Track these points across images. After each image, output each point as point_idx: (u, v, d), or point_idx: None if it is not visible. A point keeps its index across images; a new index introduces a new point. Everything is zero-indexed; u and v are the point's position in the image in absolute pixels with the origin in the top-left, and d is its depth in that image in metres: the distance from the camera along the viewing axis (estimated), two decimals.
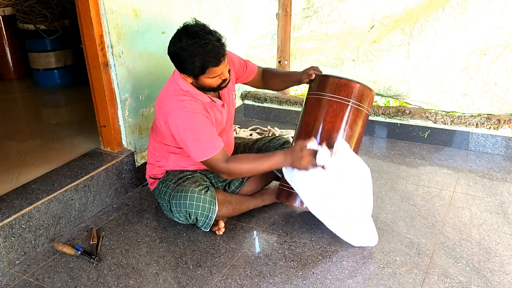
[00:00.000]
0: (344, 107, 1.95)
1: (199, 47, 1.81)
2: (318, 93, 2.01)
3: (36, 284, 1.81)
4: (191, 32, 1.83)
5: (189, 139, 1.92)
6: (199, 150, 1.92)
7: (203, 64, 1.84)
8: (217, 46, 1.84)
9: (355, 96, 1.96)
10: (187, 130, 1.91)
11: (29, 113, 3.42)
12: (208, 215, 1.99)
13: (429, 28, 2.87)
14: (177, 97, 1.94)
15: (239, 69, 2.23)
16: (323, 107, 1.98)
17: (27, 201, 1.99)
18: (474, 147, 2.90)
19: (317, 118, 1.98)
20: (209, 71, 1.86)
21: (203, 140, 1.91)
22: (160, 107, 1.99)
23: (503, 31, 2.69)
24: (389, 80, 3.10)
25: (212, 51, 1.82)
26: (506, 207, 2.26)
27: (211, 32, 1.86)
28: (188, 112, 1.91)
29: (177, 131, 1.93)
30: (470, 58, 2.82)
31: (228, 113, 2.14)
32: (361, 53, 3.13)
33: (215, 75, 1.90)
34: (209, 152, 1.91)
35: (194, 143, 1.92)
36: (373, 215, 2.20)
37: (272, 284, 1.77)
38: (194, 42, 1.81)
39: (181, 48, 1.84)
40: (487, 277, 1.78)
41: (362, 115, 2.00)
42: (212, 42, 1.82)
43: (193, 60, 1.83)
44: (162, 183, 2.12)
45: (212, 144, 1.92)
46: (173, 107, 1.93)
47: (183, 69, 1.90)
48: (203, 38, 1.81)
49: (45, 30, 3.74)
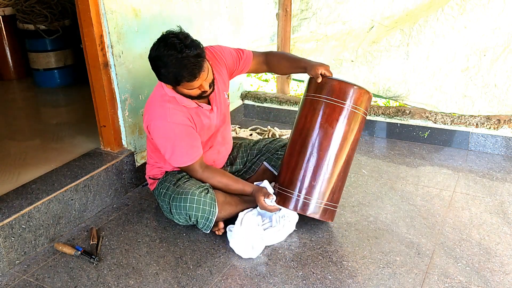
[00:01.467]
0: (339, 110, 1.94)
1: (174, 59, 1.77)
2: (315, 96, 1.99)
3: (36, 284, 1.81)
4: (170, 43, 1.78)
5: (167, 147, 1.98)
6: (176, 158, 2.00)
7: (176, 78, 1.82)
8: (193, 62, 1.78)
9: (351, 99, 1.95)
10: (166, 139, 1.96)
11: (29, 113, 3.42)
12: (208, 217, 1.98)
13: (428, 28, 2.87)
14: (162, 104, 1.94)
15: (233, 63, 2.18)
16: (318, 110, 1.96)
17: (27, 201, 1.99)
18: (474, 147, 2.90)
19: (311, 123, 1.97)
20: (183, 84, 1.85)
21: (180, 151, 1.98)
22: (146, 111, 2.02)
23: (503, 32, 2.69)
24: (389, 81, 3.10)
25: (187, 67, 1.78)
26: (506, 207, 2.26)
27: (191, 45, 1.78)
28: (170, 123, 1.93)
29: (157, 138, 1.98)
30: (470, 59, 2.82)
31: (220, 114, 2.13)
32: (360, 54, 3.13)
33: (192, 88, 1.88)
34: (185, 161, 2.00)
35: (172, 153, 1.99)
36: (373, 215, 2.21)
37: (272, 284, 1.77)
38: (170, 54, 1.77)
39: (157, 57, 1.82)
40: (487, 277, 1.78)
41: (359, 118, 1.99)
42: (188, 58, 1.77)
43: (167, 72, 1.82)
44: (161, 184, 2.12)
45: (189, 154, 1.99)
46: (156, 114, 1.95)
47: (159, 77, 1.90)
48: (180, 51, 1.76)
49: (45, 30, 3.74)
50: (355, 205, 2.30)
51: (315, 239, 2.04)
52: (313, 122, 1.97)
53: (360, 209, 2.26)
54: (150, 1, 2.41)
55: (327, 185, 1.98)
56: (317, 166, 1.96)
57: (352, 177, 2.56)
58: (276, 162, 2.29)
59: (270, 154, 2.31)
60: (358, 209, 2.26)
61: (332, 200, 2.01)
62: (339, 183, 2.02)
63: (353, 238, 2.04)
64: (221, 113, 2.14)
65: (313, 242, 2.02)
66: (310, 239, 2.04)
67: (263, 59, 2.26)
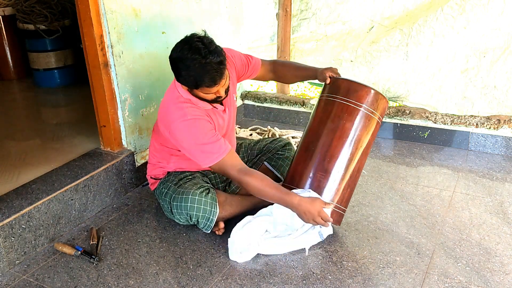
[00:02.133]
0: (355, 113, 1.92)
1: (197, 64, 1.76)
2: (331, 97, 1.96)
3: (36, 284, 1.81)
4: (194, 47, 1.77)
5: (194, 146, 1.90)
6: (205, 155, 1.89)
7: (197, 82, 1.81)
8: (215, 69, 1.78)
9: (368, 102, 1.92)
10: (190, 137, 1.89)
11: (29, 113, 3.42)
12: (209, 217, 1.98)
13: (428, 29, 2.87)
14: (179, 105, 1.91)
15: (242, 67, 2.19)
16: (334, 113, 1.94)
17: (27, 201, 1.99)
18: (474, 147, 2.90)
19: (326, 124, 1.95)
20: (202, 89, 1.85)
21: (208, 145, 1.88)
22: (163, 115, 1.97)
23: (503, 33, 2.68)
24: (388, 81, 3.10)
25: (210, 73, 1.78)
26: (506, 207, 2.26)
27: (214, 52, 1.77)
28: (191, 120, 1.89)
29: (182, 140, 1.91)
30: (469, 60, 2.82)
31: (230, 116, 2.13)
32: (360, 54, 3.13)
33: (209, 93, 1.87)
34: (216, 157, 1.88)
35: (200, 149, 1.89)
36: (373, 215, 2.21)
37: (272, 284, 1.77)
38: (194, 58, 1.76)
39: (180, 59, 1.81)
40: (487, 277, 1.78)
41: (374, 123, 1.96)
42: (211, 64, 1.76)
43: (188, 74, 1.81)
44: (162, 184, 2.12)
45: (217, 148, 1.88)
46: (175, 116, 1.91)
47: (178, 78, 1.89)
48: (204, 56, 1.75)
49: (45, 30, 3.75)
50: (355, 205, 2.30)
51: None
52: (327, 124, 1.95)
53: (360, 209, 2.26)
54: (150, 1, 2.41)
55: (337, 187, 1.94)
56: (327, 167, 1.93)
57: None
58: (276, 162, 2.29)
59: (270, 154, 2.31)
60: (358, 209, 2.26)
61: (341, 203, 1.98)
62: (349, 186, 1.99)
63: (353, 238, 2.04)
64: (231, 114, 2.15)
65: None
66: None
67: (270, 67, 2.27)
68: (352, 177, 1.98)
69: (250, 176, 1.86)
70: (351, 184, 1.99)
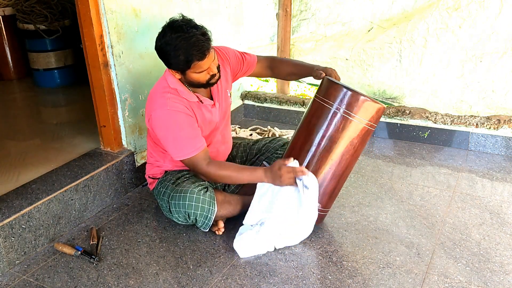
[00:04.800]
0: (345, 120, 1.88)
1: (182, 40, 1.81)
2: (324, 100, 1.94)
3: (36, 284, 1.81)
4: (175, 26, 1.84)
5: (169, 137, 1.94)
6: (178, 149, 1.94)
7: (187, 57, 1.83)
8: (201, 40, 1.82)
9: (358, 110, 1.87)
10: (167, 128, 1.93)
11: (29, 113, 3.42)
12: (207, 215, 1.99)
13: (426, 32, 2.87)
14: (162, 95, 1.95)
15: (236, 64, 2.20)
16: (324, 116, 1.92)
17: (27, 201, 1.99)
18: (474, 147, 2.90)
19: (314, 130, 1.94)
20: (194, 65, 1.86)
21: (183, 139, 1.93)
22: (147, 104, 2.02)
23: (501, 38, 2.67)
24: (382, 84, 3.10)
25: (196, 44, 1.81)
26: (506, 207, 2.26)
27: (196, 26, 1.85)
28: (169, 111, 1.91)
29: (158, 129, 1.95)
30: (465, 66, 2.82)
31: (221, 112, 2.13)
32: (355, 52, 3.13)
33: (201, 70, 1.88)
34: (188, 152, 1.93)
35: (174, 142, 1.94)
36: (373, 215, 2.21)
37: (272, 284, 1.77)
38: (178, 35, 1.81)
39: (166, 43, 1.84)
40: (487, 277, 1.78)
41: (364, 131, 1.91)
42: (196, 36, 1.81)
43: (177, 54, 1.83)
44: (161, 183, 2.12)
45: (192, 144, 1.93)
46: (156, 105, 1.94)
47: (169, 64, 1.91)
48: (187, 31, 1.81)
49: (45, 30, 3.74)
50: (355, 205, 2.30)
51: (315, 239, 2.04)
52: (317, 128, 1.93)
53: (360, 209, 2.26)
54: (150, 1, 2.41)
55: (320, 190, 1.95)
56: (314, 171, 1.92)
57: (352, 177, 2.56)
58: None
59: (269, 153, 2.31)
60: (358, 209, 2.26)
61: (321, 205, 1.99)
62: (333, 190, 1.99)
63: (353, 238, 2.04)
64: (223, 110, 2.15)
65: (313, 242, 2.02)
66: (310, 239, 2.04)
67: (267, 64, 2.28)
68: (337, 180, 1.97)
69: (219, 166, 1.98)
70: (335, 187, 1.98)
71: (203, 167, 1.96)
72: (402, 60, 2.99)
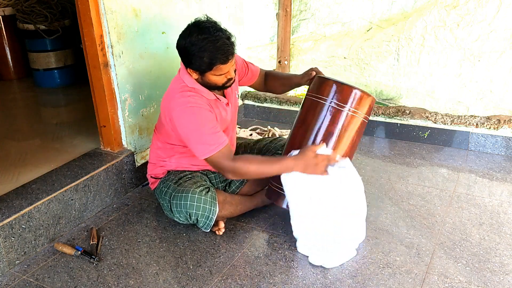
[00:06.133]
0: (340, 113, 1.90)
1: (209, 42, 1.81)
2: (316, 96, 1.96)
3: (36, 284, 1.81)
4: (202, 27, 1.84)
5: (192, 134, 1.91)
6: (203, 146, 1.89)
7: (211, 60, 1.84)
8: (227, 44, 1.84)
9: (352, 102, 1.90)
10: (190, 125, 1.90)
11: (29, 113, 3.42)
12: (208, 216, 1.99)
13: (423, 30, 2.87)
14: (183, 93, 1.93)
15: (241, 71, 2.23)
16: (318, 111, 1.93)
17: (27, 201, 1.99)
18: (474, 147, 2.90)
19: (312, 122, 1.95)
20: (216, 68, 1.86)
21: (206, 135, 1.89)
22: (165, 104, 1.99)
23: (499, 37, 2.67)
24: (379, 84, 3.10)
25: (222, 48, 1.82)
26: (506, 207, 2.26)
27: (222, 30, 1.86)
28: (192, 107, 1.90)
29: (181, 127, 1.92)
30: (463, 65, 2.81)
31: (232, 112, 2.14)
32: (353, 51, 3.13)
33: (221, 73, 1.89)
34: (213, 148, 1.88)
35: (198, 139, 1.90)
36: (373, 215, 2.20)
37: (272, 284, 1.77)
38: (204, 37, 1.81)
39: (191, 43, 1.84)
40: (487, 277, 1.78)
41: (359, 123, 1.93)
42: (222, 39, 1.83)
43: (202, 55, 1.83)
44: (163, 183, 2.12)
45: (216, 139, 1.89)
46: (178, 103, 1.93)
47: (190, 63, 1.90)
48: (213, 34, 1.82)
49: (45, 30, 3.75)
50: None
51: None
52: (313, 124, 1.94)
53: None
54: (150, 1, 2.41)
55: None
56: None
57: None
58: None
59: (270, 154, 2.31)
60: None
61: None
62: None
63: None
64: (233, 110, 2.16)
65: None
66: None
67: (263, 79, 2.33)
68: None
69: (246, 161, 1.92)
70: None
71: (229, 163, 1.89)
72: (399, 59, 2.99)
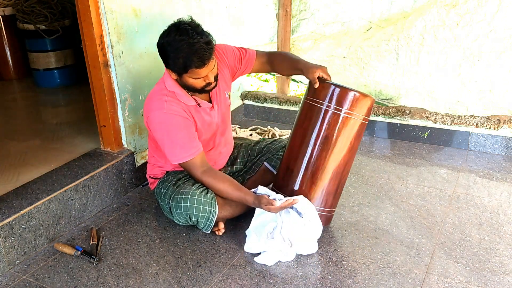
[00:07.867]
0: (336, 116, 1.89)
1: (185, 44, 1.79)
2: (312, 100, 1.95)
3: (36, 284, 1.81)
4: (182, 28, 1.82)
5: (164, 140, 1.94)
6: (174, 153, 1.94)
7: (185, 63, 1.82)
8: (204, 48, 1.80)
9: (349, 104, 1.88)
10: (163, 131, 1.93)
11: (29, 113, 3.42)
12: (208, 217, 1.98)
13: (423, 29, 2.86)
14: (160, 97, 1.95)
15: (235, 63, 2.17)
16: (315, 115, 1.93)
17: (27, 201, 1.99)
18: (474, 147, 2.90)
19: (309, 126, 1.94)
20: (191, 71, 1.85)
21: (179, 143, 1.93)
22: (145, 105, 2.02)
23: (499, 37, 2.67)
24: (378, 84, 3.10)
25: (198, 52, 1.80)
26: (506, 207, 2.26)
27: (202, 33, 1.83)
28: (166, 113, 1.91)
29: (155, 131, 1.96)
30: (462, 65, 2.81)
31: (220, 114, 2.13)
32: (353, 50, 3.13)
33: (198, 77, 1.88)
34: (184, 156, 1.93)
35: (169, 145, 1.94)
36: (373, 215, 2.21)
37: (272, 284, 1.77)
38: (181, 39, 1.80)
39: (168, 43, 1.83)
40: (487, 277, 1.78)
41: (357, 124, 1.92)
42: (199, 43, 1.79)
43: (177, 57, 1.82)
44: (161, 184, 2.12)
45: (187, 149, 1.93)
46: (154, 106, 1.94)
47: (167, 64, 1.90)
48: (192, 37, 1.79)
49: (45, 30, 3.74)
50: (355, 205, 2.30)
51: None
52: (310, 129, 1.94)
53: (360, 209, 2.26)
54: (150, 1, 2.41)
55: (323, 191, 1.97)
56: (313, 173, 1.94)
57: (352, 177, 2.57)
58: (276, 163, 2.29)
59: (270, 154, 2.31)
60: (358, 209, 2.26)
61: (327, 206, 2.01)
62: (336, 189, 2.00)
63: (353, 238, 2.04)
64: (222, 112, 2.14)
65: None
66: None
67: (266, 59, 2.25)
68: (338, 179, 1.98)
69: (214, 177, 1.97)
70: (337, 186, 1.99)
71: (197, 174, 1.98)
72: (399, 58, 2.98)
